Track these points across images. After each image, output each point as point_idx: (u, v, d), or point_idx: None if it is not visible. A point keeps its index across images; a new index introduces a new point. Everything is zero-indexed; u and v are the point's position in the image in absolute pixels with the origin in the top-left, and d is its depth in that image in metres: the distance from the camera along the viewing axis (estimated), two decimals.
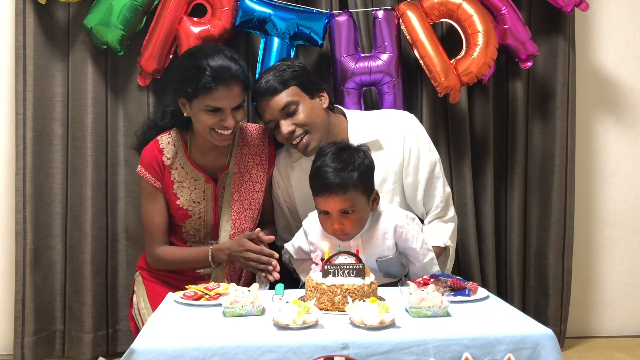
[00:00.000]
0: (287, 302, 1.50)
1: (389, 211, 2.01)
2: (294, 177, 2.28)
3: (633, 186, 2.94)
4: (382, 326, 1.45)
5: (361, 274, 1.62)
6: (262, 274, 2.03)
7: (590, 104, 2.88)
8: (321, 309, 1.59)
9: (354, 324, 1.47)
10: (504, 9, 2.48)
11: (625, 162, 2.93)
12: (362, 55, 2.46)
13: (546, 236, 2.74)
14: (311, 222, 2.04)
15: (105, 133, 2.54)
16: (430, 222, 2.24)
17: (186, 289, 1.79)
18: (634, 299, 2.96)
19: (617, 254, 2.95)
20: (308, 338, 1.40)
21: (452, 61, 2.43)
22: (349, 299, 1.55)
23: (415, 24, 2.41)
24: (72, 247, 2.54)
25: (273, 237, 2.13)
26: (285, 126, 2.12)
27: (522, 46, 2.53)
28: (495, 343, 1.41)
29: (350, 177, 1.86)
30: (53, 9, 2.51)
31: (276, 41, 2.41)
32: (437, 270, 2.01)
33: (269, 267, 2.01)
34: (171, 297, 1.78)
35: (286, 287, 1.81)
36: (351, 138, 2.17)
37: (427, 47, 2.40)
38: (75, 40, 2.51)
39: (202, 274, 2.23)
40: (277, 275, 2.01)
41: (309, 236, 2.04)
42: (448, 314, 1.56)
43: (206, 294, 1.73)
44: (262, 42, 2.45)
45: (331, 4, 2.54)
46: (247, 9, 2.39)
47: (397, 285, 1.94)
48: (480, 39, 2.38)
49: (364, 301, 1.52)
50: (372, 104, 2.55)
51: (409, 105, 2.54)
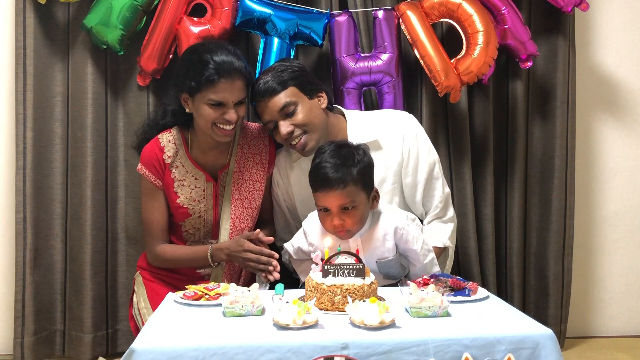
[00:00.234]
0: (287, 302, 1.50)
1: (388, 212, 2.00)
2: (293, 177, 2.28)
3: (633, 186, 2.94)
4: (382, 326, 1.44)
5: (361, 274, 1.62)
6: (262, 274, 2.03)
7: (590, 104, 2.88)
8: (321, 309, 1.59)
9: (354, 324, 1.47)
10: (504, 8, 2.48)
11: (625, 162, 2.93)
12: (362, 55, 2.46)
13: (546, 236, 2.74)
14: (311, 223, 2.04)
15: (105, 133, 2.54)
16: (430, 222, 2.23)
17: (186, 289, 1.79)
18: (634, 299, 2.96)
19: (617, 254, 2.95)
20: (308, 338, 1.40)
21: (452, 61, 2.43)
22: (349, 299, 1.55)
23: (416, 24, 2.41)
24: (72, 247, 2.54)
25: (272, 238, 2.13)
26: (284, 127, 2.12)
27: (522, 46, 2.53)
28: (495, 343, 1.41)
29: (349, 172, 1.86)
30: (53, 8, 2.51)
31: (276, 41, 2.41)
32: (437, 270, 2.00)
33: (269, 267, 2.01)
34: (171, 297, 1.78)
35: (286, 287, 1.81)
36: (350, 138, 2.17)
37: (427, 47, 2.40)
38: (75, 40, 2.51)
39: (202, 274, 2.23)
40: (277, 275, 2.01)
41: (308, 237, 2.04)
42: (448, 314, 1.55)
43: (206, 294, 1.73)
44: (262, 42, 2.45)
45: (331, 4, 2.54)
46: (247, 9, 2.39)
47: (397, 286, 1.94)
48: (481, 38, 2.38)
49: (364, 301, 1.52)
50: (372, 104, 2.55)
51: (409, 105, 2.54)
